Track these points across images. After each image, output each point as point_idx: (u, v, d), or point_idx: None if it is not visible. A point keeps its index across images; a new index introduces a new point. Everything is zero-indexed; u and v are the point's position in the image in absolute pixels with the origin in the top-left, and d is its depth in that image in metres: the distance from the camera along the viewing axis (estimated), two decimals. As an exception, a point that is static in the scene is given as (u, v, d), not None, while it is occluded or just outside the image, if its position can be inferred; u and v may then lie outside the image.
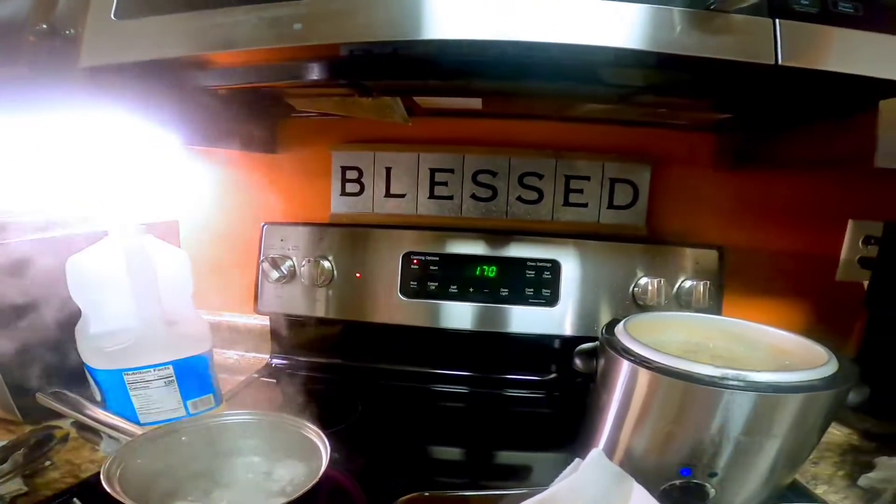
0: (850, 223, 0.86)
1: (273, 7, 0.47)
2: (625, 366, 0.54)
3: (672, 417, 0.51)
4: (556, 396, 0.86)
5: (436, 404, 0.84)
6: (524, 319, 0.84)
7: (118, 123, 0.69)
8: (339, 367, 0.92)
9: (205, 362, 0.70)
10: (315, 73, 0.58)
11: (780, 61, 0.45)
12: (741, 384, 0.47)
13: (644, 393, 0.53)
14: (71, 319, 0.66)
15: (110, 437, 0.61)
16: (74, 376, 0.66)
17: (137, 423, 0.63)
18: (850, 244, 0.86)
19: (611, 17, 0.45)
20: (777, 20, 0.45)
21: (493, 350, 0.88)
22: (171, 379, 0.66)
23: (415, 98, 0.76)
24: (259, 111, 0.86)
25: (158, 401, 0.66)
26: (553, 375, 0.89)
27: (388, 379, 0.89)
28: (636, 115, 0.82)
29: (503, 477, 0.67)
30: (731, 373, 0.47)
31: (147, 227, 0.69)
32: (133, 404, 0.65)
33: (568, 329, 0.84)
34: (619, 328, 0.59)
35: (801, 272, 0.88)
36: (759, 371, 0.47)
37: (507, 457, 0.71)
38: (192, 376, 0.68)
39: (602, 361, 0.58)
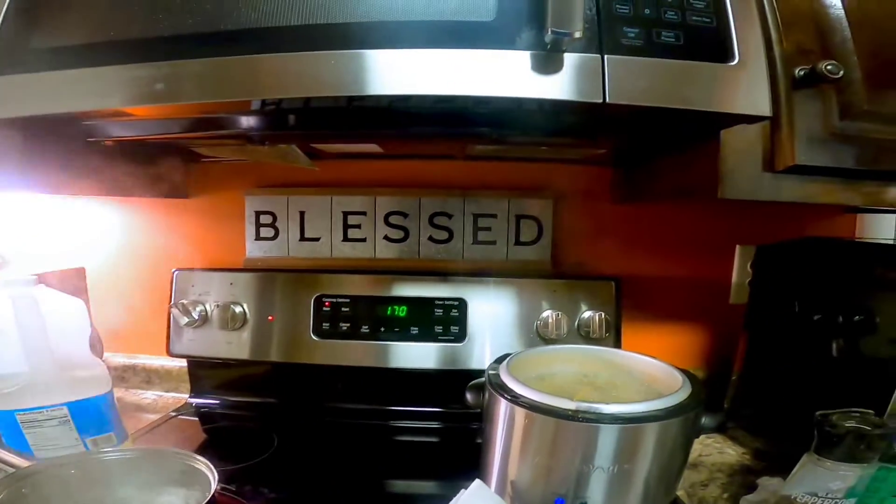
0: (737, 248, 0.91)
1: (135, 67, 0.49)
2: (502, 403, 0.55)
3: (545, 450, 0.53)
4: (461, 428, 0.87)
5: (351, 438, 0.84)
6: (433, 356, 0.85)
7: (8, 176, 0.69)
8: (256, 405, 0.91)
9: (103, 403, 0.71)
10: (187, 126, 0.59)
11: (607, 99, 0.46)
12: (593, 416, 0.49)
13: (521, 428, 0.54)
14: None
15: (3, 470, 0.60)
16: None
17: (33, 458, 0.64)
18: (739, 268, 0.91)
19: (461, 65, 0.47)
20: (605, 56, 0.46)
21: (404, 386, 0.89)
22: (66, 419, 0.67)
23: (312, 145, 0.78)
24: (162, 158, 0.87)
25: (54, 438, 0.67)
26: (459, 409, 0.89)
27: (305, 415, 0.89)
28: (532, 153, 0.86)
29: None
30: (584, 406, 0.50)
31: (49, 274, 0.71)
32: (28, 441, 0.66)
33: (474, 364, 0.85)
34: (502, 366, 0.61)
35: (697, 298, 0.92)
36: (611, 403, 0.50)
37: (417, 486, 0.73)
38: (90, 416, 0.69)
39: (486, 397, 0.60)
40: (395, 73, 0.47)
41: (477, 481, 0.56)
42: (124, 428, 0.74)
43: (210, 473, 0.53)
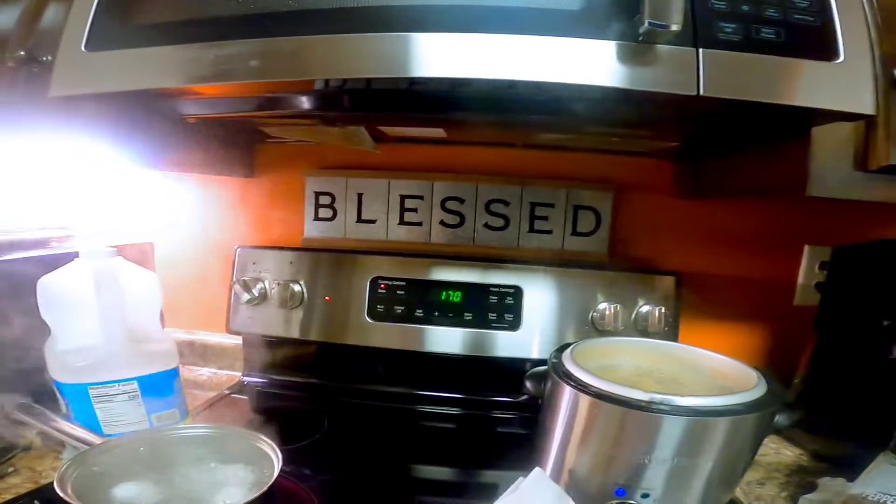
0: (805, 248, 0.88)
1: (230, 44, 0.50)
2: (567, 390, 0.55)
3: (610, 440, 0.53)
4: (527, 417, 0.87)
5: (403, 423, 0.85)
6: (488, 343, 0.86)
7: (92, 149, 0.72)
8: (308, 386, 0.94)
9: (170, 378, 0.72)
10: (274, 105, 0.61)
11: (701, 92, 0.45)
12: (668, 408, 0.49)
13: (585, 416, 0.54)
14: (42, 336, 0.68)
15: (73, 446, 0.63)
16: (43, 390, 0.68)
17: (101, 434, 0.65)
18: (806, 269, 0.89)
19: (547, 53, 0.47)
20: (700, 49, 0.45)
21: (459, 372, 0.90)
22: (135, 394, 0.68)
23: (380, 127, 0.79)
24: (234, 137, 0.90)
25: (122, 414, 0.68)
26: (525, 397, 0.90)
27: (356, 397, 0.91)
28: (597, 143, 0.85)
29: (470, 494, 0.68)
30: (658, 397, 0.49)
31: (121, 248, 0.72)
32: (97, 417, 0.67)
33: (532, 352, 0.85)
34: (565, 354, 0.61)
35: (759, 297, 0.90)
36: (686, 396, 0.49)
37: (470, 474, 0.73)
38: (157, 391, 0.70)
39: (549, 385, 0.60)
40: (483, 57, 0.47)
41: (537, 469, 0.56)
42: (186, 405, 0.75)
43: (274, 454, 0.54)
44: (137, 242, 0.94)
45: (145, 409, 0.69)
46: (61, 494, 0.45)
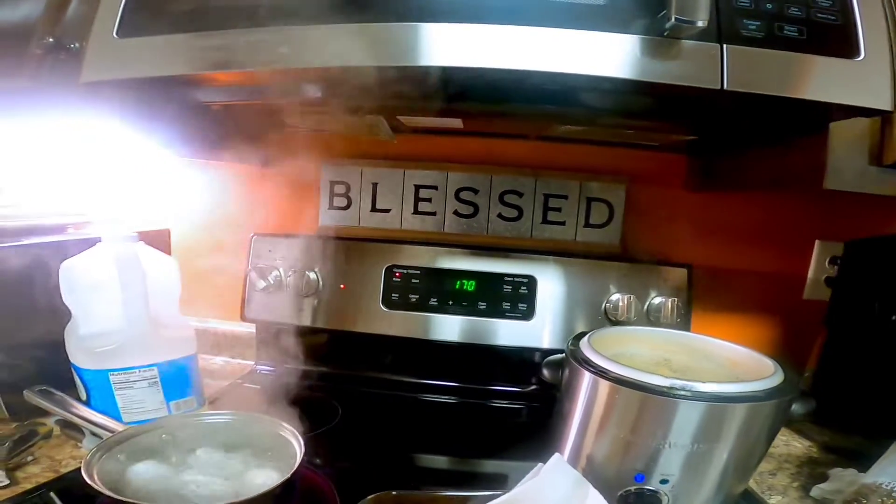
0: (816, 243, 0.89)
1: (260, 31, 0.51)
2: (586, 376, 0.56)
3: (628, 425, 0.54)
4: (536, 407, 0.89)
5: (416, 412, 0.86)
6: (502, 332, 0.87)
7: (115, 134, 0.72)
8: (322, 374, 0.94)
9: (188, 365, 0.73)
10: (302, 93, 0.61)
11: (725, 86, 0.47)
12: (689, 394, 0.50)
13: (603, 402, 0.55)
14: (61, 321, 0.68)
15: (93, 434, 0.63)
16: (62, 375, 0.68)
17: (121, 421, 0.65)
18: (816, 264, 0.90)
19: (573, 45, 0.48)
20: (724, 45, 0.47)
21: (472, 361, 0.91)
22: (155, 380, 0.69)
23: (399, 117, 0.80)
24: (252, 125, 0.90)
25: (142, 401, 0.68)
26: (533, 387, 0.91)
27: (370, 386, 0.92)
28: (611, 136, 0.86)
29: (481, 483, 0.69)
30: (679, 383, 0.50)
31: (139, 234, 0.72)
32: (117, 403, 0.67)
33: (544, 342, 0.86)
34: (583, 341, 0.62)
35: (769, 290, 0.91)
36: (706, 382, 0.50)
37: (485, 464, 0.73)
38: (176, 378, 0.70)
39: (566, 372, 0.61)
40: (509, 49, 0.48)
41: (556, 455, 0.57)
42: (203, 393, 0.75)
43: (296, 441, 0.55)
44: (154, 229, 0.95)
45: (164, 395, 0.70)
46: (89, 482, 0.46)
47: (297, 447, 0.54)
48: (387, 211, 0.96)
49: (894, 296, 0.72)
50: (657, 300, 0.84)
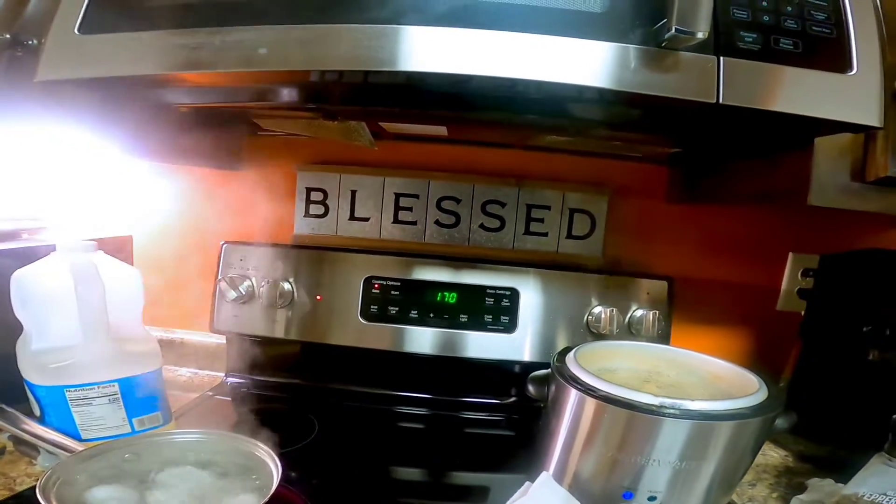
0: (790, 256, 0.91)
1: (238, 31, 0.48)
2: (573, 394, 0.55)
3: (615, 443, 0.53)
4: (516, 420, 0.87)
5: (394, 426, 0.84)
6: (483, 345, 0.85)
7: (74, 136, 0.68)
8: (297, 388, 0.91)
9: (153, 380, 0.69)
10: (279, 96, 0.59)
11: (720, 100, 0.46)
12: (678, 412, 0.49)
13: (590, 419, 0.54)
14: (12, 333, 0.64)
15: (49, 451, 0.59)
16: (14, 389, 0.63)
17: (79, 439, 0.62)
18: (790, 276, 0.91)
19: (566, 53, 0.46)
20: (721, 58, 0.46)
21: (452, 374, 0.89)
22: (115, 396, 0.65)
23: (381, 123, 0.78)
24: (224, 128, 0.86)
25: (101, 417, 0.64)
26: (512, 399, 0.90)
27: (347, 400, 0.89)
28: (594, 147, 0.86)
29: (461, 498, 0.68)
30: (668, 401, 0.50)
31: (99, 241, 0.68)
32: (75, 420, 0.63)
33: (526, 355, 0.85)
34: (569, 357, 0.61)
35: (745, 302, 0.92)
36: (694, 400, 0.50)
37: (464, 478, 0.72)
38: (139, 394, 0.67)
39: (553, 388, 0.60)
40: (499, 55, 0.47)
41: (544, 473, 0.56)
42: (170, 408, 0.72)
43: (272, 462, 0.52)
44: (115, 236, 0.90)
45: (126, 412, 0.66)
46: None
47: (274, 468, 0.51)
48: (366, 220, 0.93)
49: (868, 308, 0.73)
50: (639, 312, 0.84)
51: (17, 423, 0.60)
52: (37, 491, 0.44)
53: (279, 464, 0.51)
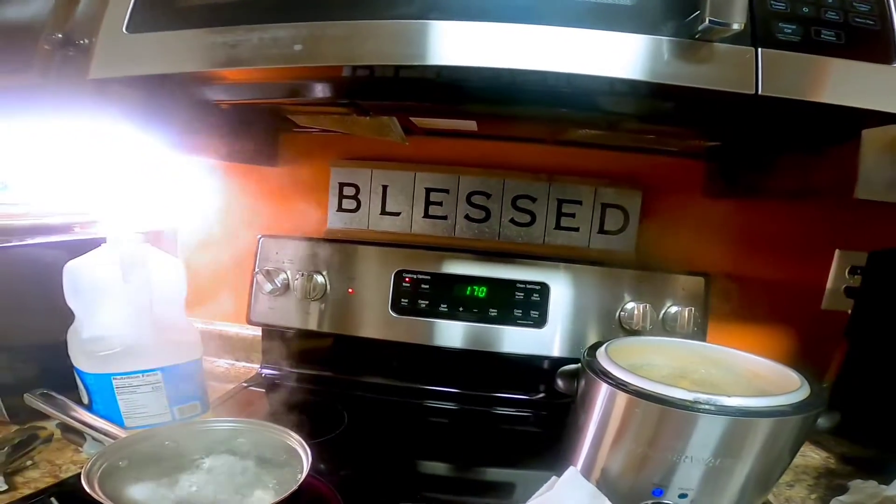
0: (836, 253, 0.87)
1: (274, 28, 0.50)
2: (603, 388, 0.55)
3: (646, 439, 0.52)
4: (544, 416, 0.87)
5: (423, 419, 0.85)
6: (512, 340, 0.85)
7: (122, 132, 0.71)
8: (328, 380, 0.93)
9: (194, 370, 0.72)
10: (314, 92, 0.60)
11: (759, 91, 0.45)
12: (713, 408, 0.48)
13: (621, 415, 0.54)
14: (64, 322, 0.67)
15: (94, 439, 0.62)
16: (64, 378, 0.67)
17: (122, 426, 0.64)
18: (836, 274, 0.87)
19: (598, 46, 0.46)
20: (759, 49, 0.45)
21: (481, 368, 0.89)
22: (159, 384, 0.67)
23: (412, 119, 0.78)
24: (261, 125, 0.89)
25: (145, 405, 0.67)
26: (541, 395, 0.90)
27: (377, 393, 0.90)
28: (628, 141, 0.84)
29: (487, 493, 0.68)
30: (703, 397, 0.49)
31: (145, 235, 0.71)
32: (119, 408, 0.66)
33: (555, 350, 0.85)
34: (600, 351, 0.60)
35: (787, 300, 0.89)
36: (731, 396, 0.49)
37: (492, 473, 0.72)
38: (181, 383, 0.69)
39: (583, 383, 0.60)
40: (529, 49, 0.47)
41: (571, 468, 0.56)
42: (208, 397, 0.74)
43: (303, 451, 0.53)
44: (160, 229, 0.93)
45: (168, 400, 0.68)
46: (89, 491, 0.45)
47: (304, 457, 0.53)
48: (397, 214, 0.95)
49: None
50: (673, 309, 0.82)
51: (66, 410, 0.64)
52: (81, 477, 0.46)
53: (310, 453, 0.53)
